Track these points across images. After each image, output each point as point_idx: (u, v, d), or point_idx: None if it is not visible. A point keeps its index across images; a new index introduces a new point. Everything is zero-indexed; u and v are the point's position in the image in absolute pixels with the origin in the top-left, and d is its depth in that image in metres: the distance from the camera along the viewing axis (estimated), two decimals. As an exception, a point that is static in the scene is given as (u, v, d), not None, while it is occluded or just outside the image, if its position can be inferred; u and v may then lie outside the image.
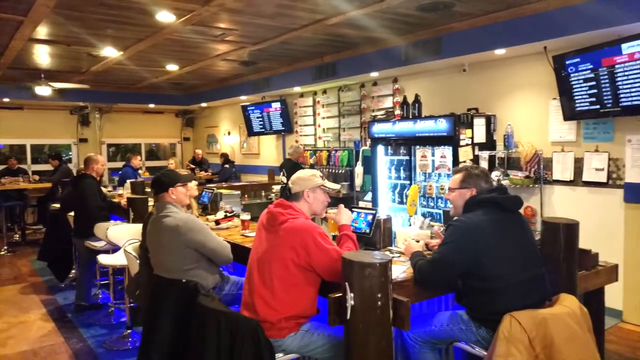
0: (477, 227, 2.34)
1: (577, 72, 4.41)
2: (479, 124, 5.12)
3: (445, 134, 4.98)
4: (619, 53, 4.06)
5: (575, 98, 4.48)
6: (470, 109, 5.36)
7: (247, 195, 7.56)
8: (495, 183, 2.82)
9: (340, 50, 6.47)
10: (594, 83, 4.29)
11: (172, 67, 7.54)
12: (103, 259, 4.28)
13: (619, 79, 4.11)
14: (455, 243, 2.34)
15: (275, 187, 7.73)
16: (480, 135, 5.13)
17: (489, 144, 5.20)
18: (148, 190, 5.30)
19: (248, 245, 3.10)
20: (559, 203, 4.88)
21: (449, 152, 5.04)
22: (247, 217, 3.84)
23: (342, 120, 7.55)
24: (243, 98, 9.16)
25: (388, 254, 2.33)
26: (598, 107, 4.32)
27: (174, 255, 2.84)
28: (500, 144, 5.22)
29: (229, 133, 10.66)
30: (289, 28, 5.28)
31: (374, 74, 6.49)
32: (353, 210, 3.02)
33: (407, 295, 2.19)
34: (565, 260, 2.53)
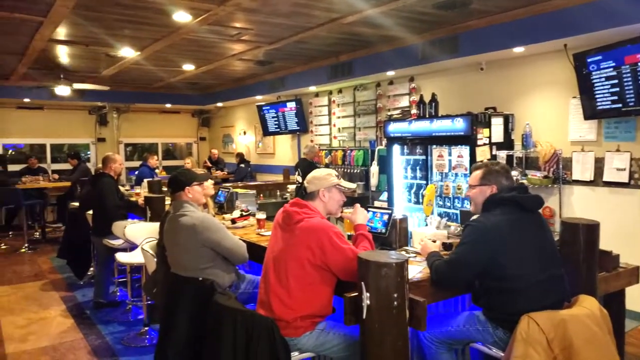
0: (495, 227, 2.31)
1: (598, 70, 4.33)
2: (497, 123, 5.06)
3: (462, 134, 4.93)
4: (642, 50, 3.98)
5: (597, 96, 4.39)
6: (488, 108, 5.30)
7: (262, 195, 7.58)
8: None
9: (356, 49, 6.45)
10: (616, 81, 4.21)
11: (188, 66, 7.60)
12: (121, 257, 4.33)
13: (642, 77, 4.02)
14: (473, 244, 2.31)
15: (290, 186, 7.74)
16: (498, 135, 5.07)
17: (507, 144, 5.13)
18: (165, 189, 5.35)
19: (263, 244, 3.11)
20: (579, 203, 4.80)
21: (466, 151, 4.99)
22: (262, 216, 3.85)
23: (357, 120, 7.53)
24: (258, 98, 9.19)
25: (404, 254, 2.32)
26: (620, 105, 4.24)
27: (191, 254, 2.86)
28: (519, 144, 5.15)
29: (245, 133, 10.71)
30: (305, 27, 5.28)
31: (390, 73, 6.46)
32: (369, 210, 3.01)
33: (423, 296, 2.17)
34: (585, 261, 2.50)
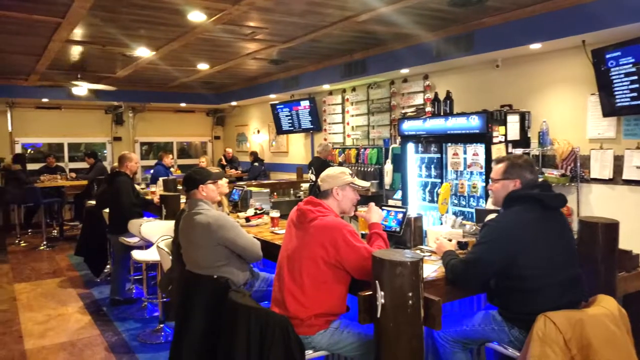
0: (513, 226, 2.27)
1: (617, 66, 4.25)
2: (513, 121, 5.00)
3: (478, 131, 4.88)
4: (663, 46, 3.90)
5: (616, 93, 4.32)
6: (504, 106, 5.24)
7: (276, 193, 7.61)
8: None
9: (370, 47, 6.43)
10: (636, 77, 4.13)
11: (203, 66, 7.65)
12: (137, 255, 4.38)
13: (663, 73, 3.95)
14: (491, 244, 2.27)
15: (304, 185, 7.75)
16: (514, 133, 5.01)
17: (523, 142, 5.07)
18: (180, 188, 5.39)
19: (277, 243, 3.12)
20: (597, 202, 4.72)
21: (482, 149, 4.94)
22: (276, 214, 3.85)
23: (371, 118, 7.51)
24: (272, 96, 9.22)
25: (419, 253, 2.30)
26: (640, 102, 4.16)
27: (205, 252, 2.88)
28: (535, 142, 5.08)
29: (259, 131, 10.75)
30: (319, 26, 5.28)
31: (404, 71, 6.43)
32: (383, 209, 2.99)
33: (438, 295, 2.15)
34: (605, 261, 2.46)
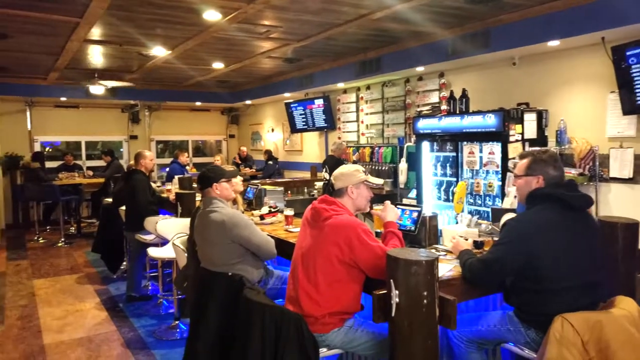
0: (533, 227, 2.22)
1: (638, 63, 4.16)
2: (530, 119, 4.93)
3: (494, 130, 4.83)
4: (685, 42, 3.82)
5: (636, 91, 4.23)
6: (521, 104, 5.17)
7: (290, 192, 7.62)
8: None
9: (385, 45, 6.40)
10: (657, 75, 4.05)
11: (218, 65, 7.69)
12: (152, 252, 4.42)
13: (685, 70, 3.86)
14: (510, 244, 2.23)
15: (318, 183, 7.75)
16: (531, 131, 4.94)
17: (540, 140, 5.00)
18: (195, 186, 5.43)
19: (291, 241, 3.12)
20: (617, 202, 4.63)
21: (498, 148, 4.89)
22: (290, 212, 3.86)
23: (386, 116, 7.48)
24: (286, 95, 9.23)
25: (434, 252, 2.28)
26: (661, 100, 4.08)
27: (220, 250, 2.90)
28: (552, 140, 5.00)
29: (273, 130, 10.78)
30: (333, 24, 5.27)
31: (420, 69, 6.38)
32: (398, 207, 2.97)
33: (454, 294, 2.13)
34: (624, 262, 2.41)
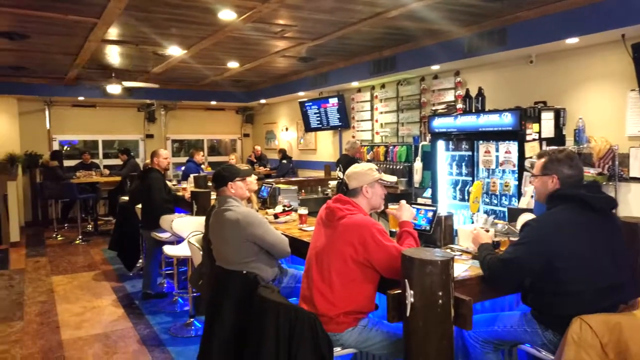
0: (555, 228, 2.18)
1: (659, 60, 4.08)
2: (547, 118, 4.86)
3: (511, 129, 4.77)
4: None
5: (657, 89, 4.15)
6: (538, 103, 5.10)
7: (303, 191, 7.62)
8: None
9: (400, 44, 6.36)
10: (679, 72, 3.96)
11: (232, 64, 7.73)
12: (168, 250, 4.46)
13: None
14: (530, 245, 2.19)
15: (332, 182, 7.74)
16: (549, 130, 4.87)
17: (558, 139, 4.92)
18: (210, 185, 5.47)
19: (305, 239, 3.12)
20: (637, 202, 4.55)
21: (514, 147, 4.83)
22: (304, 211, 3.86)
23: (400, 115, 7.44)
24: (301, 94, 9.24)
25: (449, 252, 2.26)
26: (683, 98, 3.99)
27: (235, 248, 2.91)
28: (570, 139, 4.93)
29: (287, 129, 10.80)
30: (348, 22, 5.25)
31: (435, 67, 6.34)
32: (413, 207, 2.95)
33: (469, 294, 2.11)
34: (645, 263, 2.36)
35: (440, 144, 5.83)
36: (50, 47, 6.35)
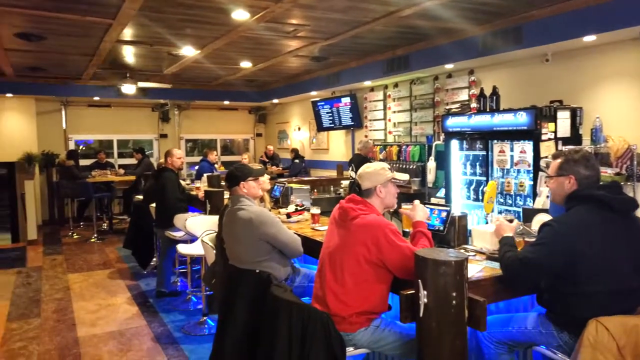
0: (574, 229, 2.15)
1: (678, 58, 4.00)
2: (563, 117, 4.80)
3: (526, 128, 4.72)
4: None
5: (676, 87, 4.07)
6: (553, 101, 5.04)
7: (316, 190, 7.62)
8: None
9: (413, 43, 6.33)
10: (699, 70, 3.88)
11: (245, 64, 7.76)
12: (182, 249, 4.50)
13: None
14: (549, 246, 2.15)
15: (344, 182, 7.73)
16: (565, 129, 4.81)
17: (575, 139, 4.86)
18: (223, 184, 5.50)
19: (318, 239, 3.12)
20: (655, 202, 4.46)
21: (530, 147, 4.78)
22: (317, 211, 3.86)
23: (413, 114, 7.40)
24: (313, 94, 9.24)
25: (463, 253, 2.25)
26: (703, 96, 3.90)
27: (247, 247, 2.92)
28: (587, 139, 4.86)
29: (299, 129, 10.81)
30: (361, 22, 5.24)
31: (449, 66, 6.29)
32: (426, 207, 2.93)
33: (483, 295, 2.09)
34: (664, 265, 2.31)
35: (454, 144, 5.79)
36: (67, 48, 6.44)
